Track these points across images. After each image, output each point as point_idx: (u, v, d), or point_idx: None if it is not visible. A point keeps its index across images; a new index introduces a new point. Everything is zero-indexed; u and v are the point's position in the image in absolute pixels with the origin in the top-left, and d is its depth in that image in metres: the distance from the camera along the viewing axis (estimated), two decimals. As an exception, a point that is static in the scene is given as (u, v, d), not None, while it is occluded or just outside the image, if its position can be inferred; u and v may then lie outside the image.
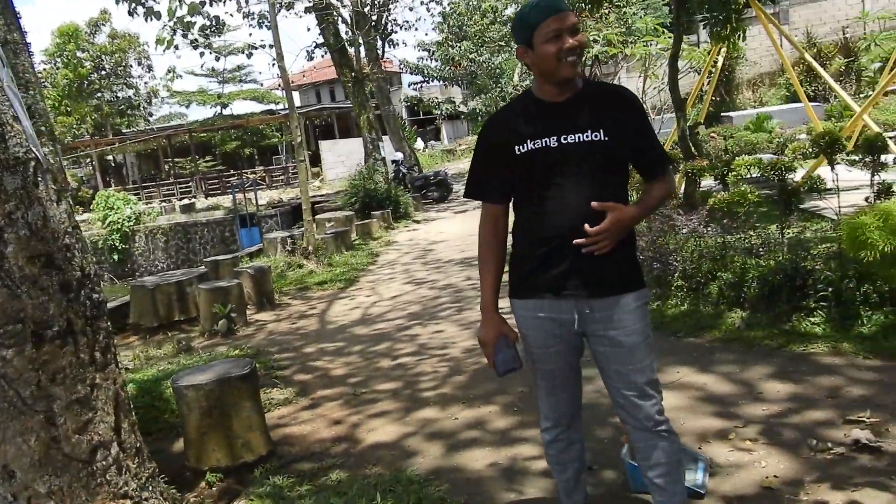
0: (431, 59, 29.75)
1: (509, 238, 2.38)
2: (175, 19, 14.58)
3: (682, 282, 5.56)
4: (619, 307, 2.18)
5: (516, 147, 2.18)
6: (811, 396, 3.67)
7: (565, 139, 2.14)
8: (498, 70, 27.07)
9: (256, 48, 17.72)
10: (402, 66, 32.53)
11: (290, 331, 7.13)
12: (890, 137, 7.23)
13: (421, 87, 34.48)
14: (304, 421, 4.42)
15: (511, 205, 2.34)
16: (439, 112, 33.68)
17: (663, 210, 6.12)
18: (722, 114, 20.64)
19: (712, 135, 16.22)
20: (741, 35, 8.98)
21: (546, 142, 2.15)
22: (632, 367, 2.19)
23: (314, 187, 25.09)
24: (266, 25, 19.11)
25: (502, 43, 24.78)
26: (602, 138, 2.14)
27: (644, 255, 5.87)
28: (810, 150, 5.72)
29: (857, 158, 5.52)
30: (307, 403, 4.76)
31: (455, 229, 13.57)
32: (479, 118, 29.13)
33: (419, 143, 33.54)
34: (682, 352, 4.67)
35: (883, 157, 5.76)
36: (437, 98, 34.22)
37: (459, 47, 26.87)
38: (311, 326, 7.25)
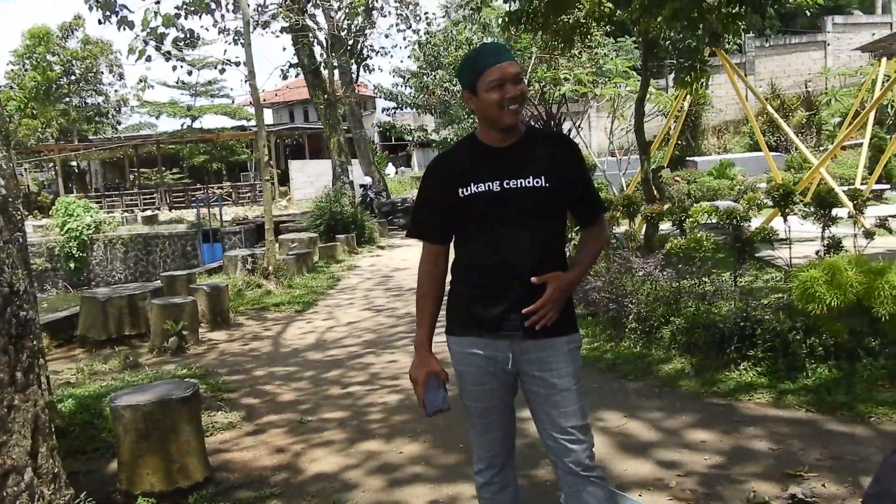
0: (406, 86, 29.86)
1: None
2: (148, 30, 14.46)
3: (636, 324, 5.60)
4: (551, 349, 2.22)
5: (460, 189, 2.22)
6: (752, 448, 3.70)
7: (508, 184, 2.19)
8: (471, 101, 27.27)
9: (230, 64, 17.65)
10: (376, 91, 32.62)
11: (242, 352, 7.01)
12: (845, 191, 7.44)
13: (394, 112, 34.57)
14: (247, 447, 4.32)
15: (452, 243, 2.37)
16: (411, 139, 33.80)
17: (622, 252, 6.18)
18: (687, 158, 21.11)
19: (676, 178, 16.56)
20: (704, 83, 9.20)
21: (489, 186, 2.20)
22: (563, 410, 2.21)
23: (281, 206, 24.93)
24: (241, 42, 19.06)
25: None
26: (543, 185, 2.19)
27: (600, 295, 5.92)
28: (765, 201, 5.85)
29: (810, 211, 5.64)
30: (252, 429, 4.66)
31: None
32: (451, 147, 29.17)
33: (390, 169, 33.55)
34: (631, 395, 4.69)
35: (835, 211, 5.91)
36: (409, 125, 34.32)
37: (434, 76, 27.07)
38: (264, 349, 7.14)
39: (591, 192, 2.35)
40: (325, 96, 19.41)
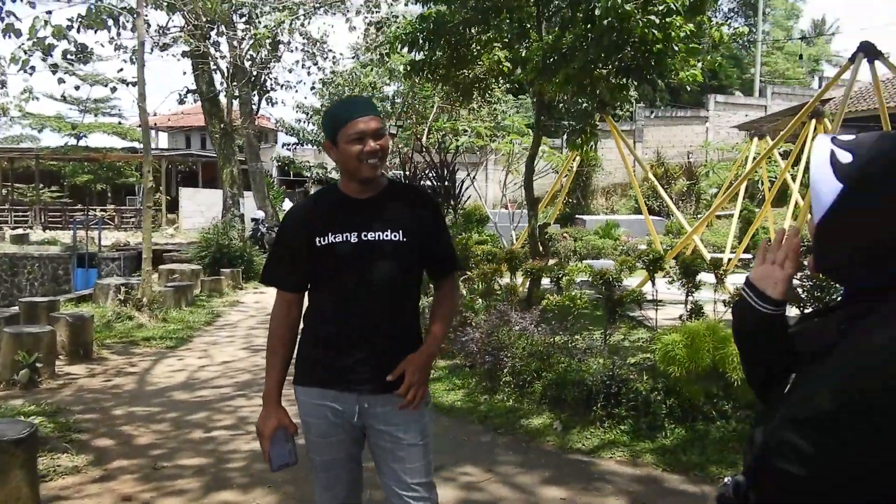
0: (308, 123, 29.66)
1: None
2: (35, 39, 13.71)
3: (510, 378, 5.67)
4: (398, 404, 2.19)
5: (317, 239, 2.21)
6: (608, 506, 3.78)
7: (365, 236, 2.19)
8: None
9: (122, 83, 16.92)
10: (278, 125, 32.20)
11: (102, 389, 6.57)
12: (715, 257, 7.93)
13: (295, 148, 34.19)
14: (90, 495, 4.02)
15: (307, 292, 2.33)
16: (310, 175, 33.46)
17: (500, 306, 6.28)
18: (576, 216, 21.95)
19: (564, 235, 17.13)
20: (594, 146, 9.64)
21: (346, 237, 2.19)
22: (408, 465, 2.20)
23: (167, 234, 23.96)
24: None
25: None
26: (400, 238, 2.21)
27: (478, 347, 5.97)
28: (635, 264, 6.13)
29: (676, 276, 5.95)
30: (98, 474, 4.34)
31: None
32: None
33: (287, 204, 32.98)
34: (498, 449, 4.71)
35: (703, 277, 6.25)
36: (309, 162, 34.04)
37: (337, 115, 27.06)
38: (128, 386, 6.72)
39: (446, 249, 2.39)
40: (222, 125, 18.97)
